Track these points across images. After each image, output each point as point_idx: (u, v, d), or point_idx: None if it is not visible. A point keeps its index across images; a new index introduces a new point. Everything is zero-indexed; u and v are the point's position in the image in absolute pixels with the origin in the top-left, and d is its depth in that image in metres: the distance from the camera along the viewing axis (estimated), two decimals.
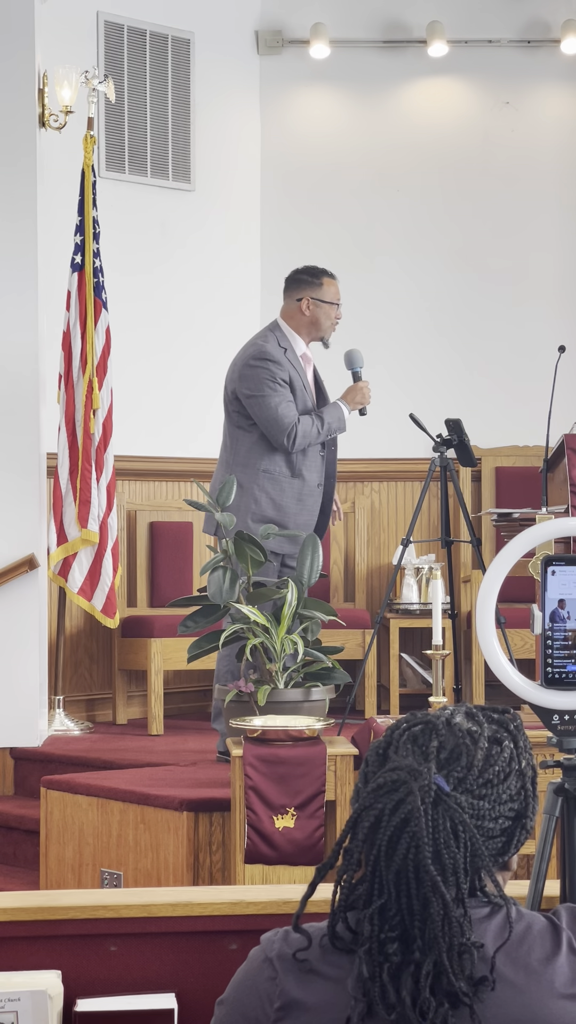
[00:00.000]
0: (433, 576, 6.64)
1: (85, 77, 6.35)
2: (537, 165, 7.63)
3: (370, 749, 1.71)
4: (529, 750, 1.73)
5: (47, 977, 2.20)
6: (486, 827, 1.66)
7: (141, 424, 7.06)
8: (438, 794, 1.60)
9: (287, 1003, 1.62)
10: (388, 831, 1.59)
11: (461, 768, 1.66)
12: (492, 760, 1.67)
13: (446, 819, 1.59)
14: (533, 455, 7.24)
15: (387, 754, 1.69)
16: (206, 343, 7.32)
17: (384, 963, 1.56)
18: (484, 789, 1.66)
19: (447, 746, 1.67)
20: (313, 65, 7.59)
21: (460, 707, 1.74)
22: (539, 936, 1.63)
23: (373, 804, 1.61)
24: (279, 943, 1.66)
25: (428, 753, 1.66)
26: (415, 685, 6.95)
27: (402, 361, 7.54)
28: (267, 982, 1.64)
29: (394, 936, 1.57)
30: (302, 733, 4.26)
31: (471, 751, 1.67)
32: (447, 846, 1.58)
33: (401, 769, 1.62)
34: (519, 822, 1.69)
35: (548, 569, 2.08)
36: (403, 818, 1.59)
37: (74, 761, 5.67)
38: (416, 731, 1.69)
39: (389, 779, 1.62)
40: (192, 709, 7.12)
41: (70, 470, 6.24)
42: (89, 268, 6.33)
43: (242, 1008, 1.66)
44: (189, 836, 4.54)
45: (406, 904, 1.57)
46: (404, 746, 1.68)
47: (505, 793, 1.67)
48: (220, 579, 4.65)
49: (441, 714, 1.71)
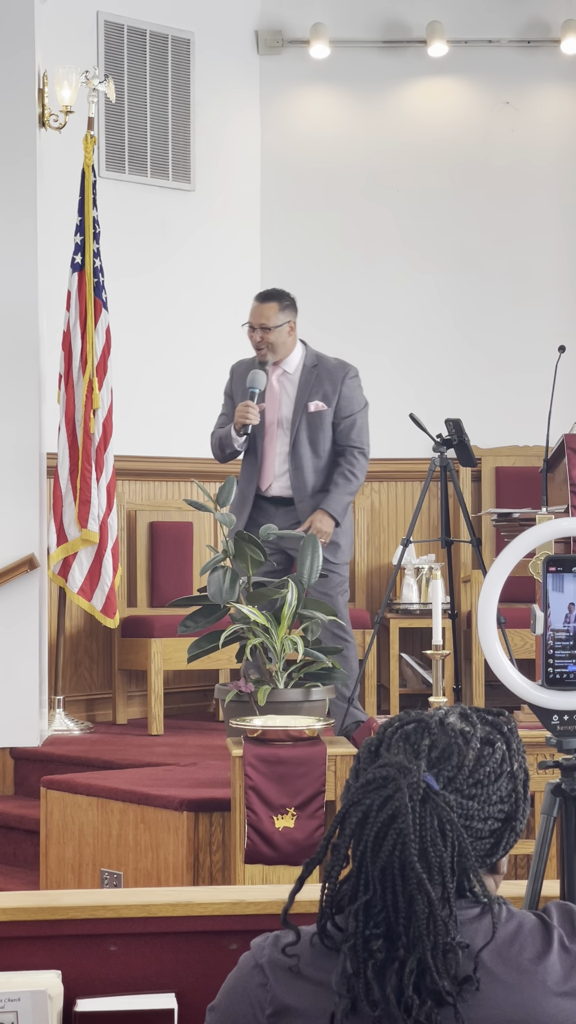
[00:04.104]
0: (433, 576, 6.64)
1: (85, 77, 6.35)
2: (537, 165, 7.63)
3: (362, 746, 1.71)
4: (522, 753, 1.73)
5: (47, 977, 2.20)
6: (474, 827, 1.66)
7: (141, 424, 7.06)
8: (426, 792, 1.60)
9: (278, 1009, 1.62)
10: (375, 827, 1.58)
11: (452, 767, 1.65)
12: (483, 761, 1.67)
13: (433, 817, 1.58)
14: (533, 455, 7.24)
15: (379, 751, 1.68)
16: (206, 343, 7.32)
17: (368, 959, 1.56)
18: (474, 789, 1.66)
19: (439, 745, 1.67)
20: (313, 65, 7.59)
21: (455, 707, 1.73)
22: (530, 934, 1.63)
23: (361, 800, 1.61)
24: (269, 948, 1.66)
25: (419, 751, 1.65)
26: (415, 685, 6.95)
27: (402, 361, 7.54)
28: (258, 988, 1.64)
29: (379, 933, 1.57)
30: (302, 733, 4.26)
31: (462, 751, 1.66)
32: (433, 844, 1.57)
33: (391, 766, 1.62)
34: (508, 824, 1.69)
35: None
36: (390, 814, 1.58)
37: (74, 761, 5.67)
38: (409, 729, 1.69)
39: (378, 775, 1.61)
40: (192, 709, 7.12)
41: (70, 470, 6.23)
42: (89, 268, 6.33)
43: (233, 1015, 1.66)
44: (189, 836, 4.54)
45: (391, 901, 1.56)
46: (396, 744, 1.67)
47: (495, 795, 1.67)
48: (220, 579, 4.65)
49: (435, 714, 1.71)
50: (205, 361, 7.29)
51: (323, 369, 5.61)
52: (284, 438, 5.60)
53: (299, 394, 5.60)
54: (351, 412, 5.60)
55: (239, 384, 5.64)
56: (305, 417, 5.58)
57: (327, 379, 5.59)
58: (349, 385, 5.60)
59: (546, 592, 2.10)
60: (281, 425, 5.63)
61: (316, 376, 5.60)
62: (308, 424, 5.58)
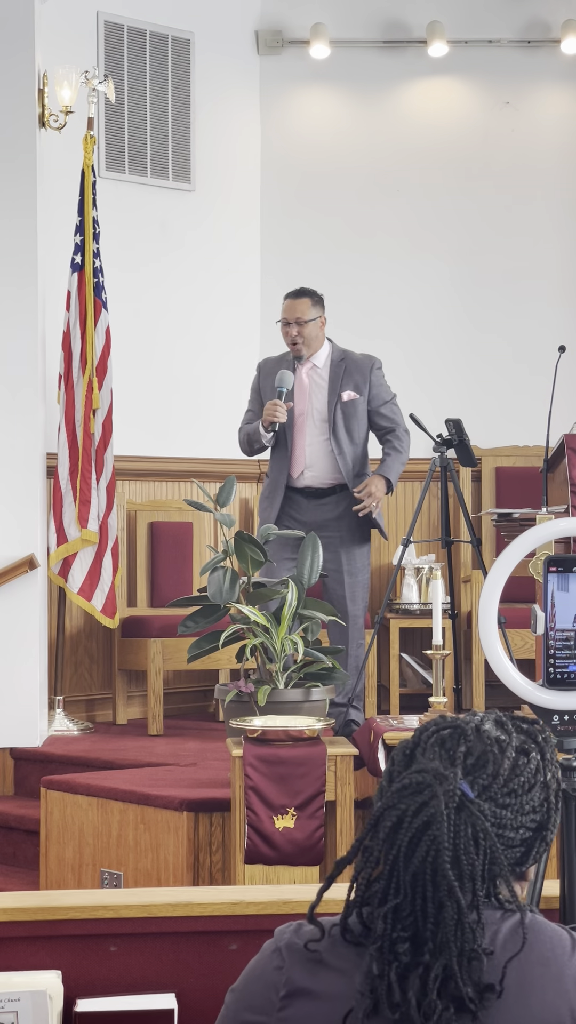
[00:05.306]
0: (433, 576, 6.64)
1: (85, 77, 6.35)
2: (537, 165, 7.63)
3: (396, 748, 1.72)
4: (556, 763, 1.74)
5: (47, 977, 2.20)
6: (507, 836, 1.67)
7: (141, 424, 7.06)
8: (462, 800, 1.61)
9: (292, 991, 1.64)
10: (409, 832, 1.59)
11: (487, 776, 1.66)
12: (518, 770, 1.68)
13: (468, 825, 1.60)
14: (533, 455, 7.24)
15: (414, 755, 1.69)
16: (206, 343, 7.32)
17: (393, 962, 1.57)
18: (508, 798, 1.67)
19: (474, 752, 1.67)
20: (313, 65, 7.59)
21: (489, 714, 1.74)
22: (553, 935, 1.63)
23: (396, 804, 1.62)
24: (290, 934, 1.68)
25: (455, 758, 1.66)
26: (415, 685, 6.95)
27: (402, 361, 7.54)
28: (274, 971, 1.66)
29: (406, 936, 1.58)
30: (302, 733, 4.26)
31: (498, 759, 1.67)
32: (466, 852, 1.59)
33: (427, 772, 1.63)
34: (539, 834, 1.70)
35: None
36: (425, 821, 1.59)
37: (74, 761, 5.67)
38: (444, 734, 1.69)
39: (414, 780, 1.62)
40: (192, 709, 7.12)
41: (70, 470, 6.23)
42: (89, 268, 6.33)
43: (249, 996, 1.68)
44: (189, 836, 4.54)
45: (420, 906, 1.58)
46: (431, 748, 1.68)
47: (528, 804, 1.68)
48: (220, 579, 4.65)
49: (471, 720, 1.72)
50: (205, 361, 7.29)
51: (350, 362, 5.82)
52: (315, 429, 5.77)
53: (331, 386, 5.79)
54: (385, 400, 5.83)
55: (267, 381, 5.81)
56: (340, 407, 5.76)
57: (356, 371, 5.80)
58: (377, 375, 5.83)
59: (550, 592, 2.10)
60: (312, 417, 5.78)
61: (345, 368, 5.80)
62: (343, 413, 5.76)
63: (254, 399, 5.87)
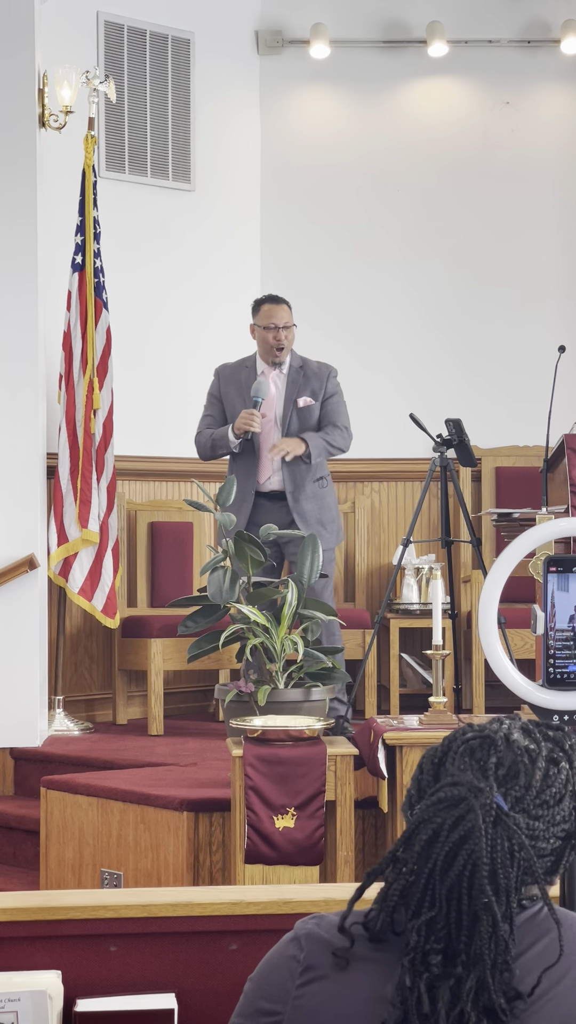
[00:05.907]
0: (433, 576, 6.64)
1: (85, 77, 6.35)
2: (537, 165, 7.63)
3: (424, 756, 1.71)
4: None
5: (47, 977, 2.19)
6: (538, 847, 1.66)
7: (141, 424, 7.06)
8: (498, 814, 1.60)
9: (309, 978, 1.64)
10: (446, 847, 1.58)
11: (519, 787, 1.65)
12: (550, 781, 1.67)
13: (504, 839, 1.59)
14: (533, 455, 7.24)
15: (443, 764, 1.68)
16: (206, 343, 7.31)
17: (424, 973, 1.57)
18: (540, 810, 1.66)
19: (505, 763, 1.66)
20: (313, 65, 7.59)
21: (515, 722, 1.73)
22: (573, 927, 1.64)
23: (432, 817, 1.61)
24: (311, 924, 1.68)
25: (486, 769, 1.65)
26: (415, 685, 6.95)
27: (402, 361, 7.54)
28: (291, 959, 1.66)
29: (439, 948, 1.57)
30: (302, 733, 4.26)
31: (529, 771, 1.66)
32: (503, 866, 1.58)
33: (462, 785, 1.62)
34: (569, 842, 1.69)
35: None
36: (462, 835, 1.58)
37: (74, 761, 5.67)
38: (474, 744, 1.68)
39: (450, 794, 1.61)
40: (192, 709, 7.12)
41: (70, 470, 6.24)
42: (90, 268, 6.33)
43: (267, 984, 1.68)
44: (189, 836, 4.54)
45: (455, 919, 1.57)
46: (461, 758, 1.67)
47: (559, 814, 1.67)
48: (220, 579, 4.65)
49: (499, 728, 1.71)
50: (205, 361, 7.27)
51: (308, 369, 5.91)
52: (277, 433, 5.82)
53: (288, 392, 5.84)
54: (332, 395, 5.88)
55: (227, 386, 5.87)
56: (295, 413, 5.82)
57: (313, 377, 5.88)
58: (333, 383, 5.91)
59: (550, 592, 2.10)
60: (275, 422, 5.83)
61: (303, 375, 5.87)
62: (299, 419, 5.82)
63: (213, 404, 5.93)
